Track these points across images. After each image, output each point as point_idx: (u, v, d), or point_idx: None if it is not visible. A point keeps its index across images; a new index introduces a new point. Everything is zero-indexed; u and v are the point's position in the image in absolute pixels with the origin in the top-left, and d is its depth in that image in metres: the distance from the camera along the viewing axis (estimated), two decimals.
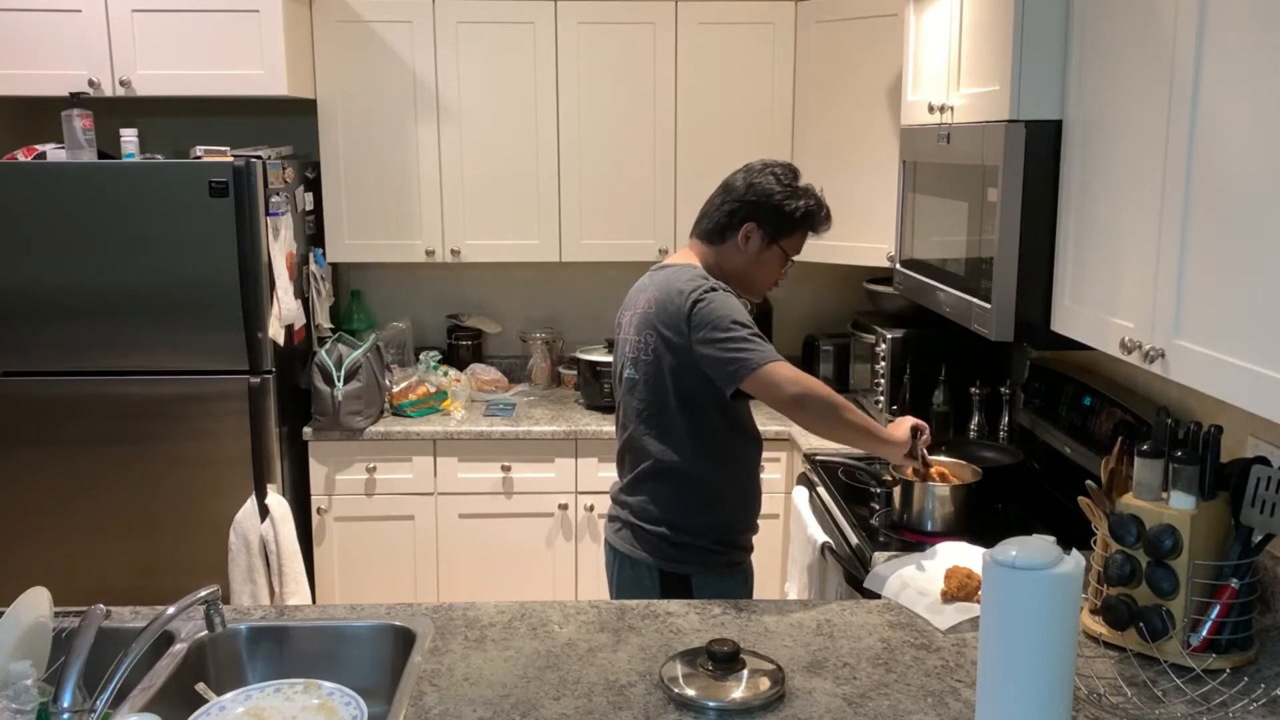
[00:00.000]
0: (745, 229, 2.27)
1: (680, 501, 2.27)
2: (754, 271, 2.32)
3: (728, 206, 2.29)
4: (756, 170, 2.30)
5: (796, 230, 2.30)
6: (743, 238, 2.28)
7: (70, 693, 1.39)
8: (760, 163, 2.32)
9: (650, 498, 2.29)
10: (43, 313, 3.24)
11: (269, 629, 1.92)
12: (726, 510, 2.31)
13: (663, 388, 2.24)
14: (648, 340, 2.26)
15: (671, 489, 2.27)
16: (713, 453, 2.26)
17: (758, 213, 2.26)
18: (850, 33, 3.46)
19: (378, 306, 4.03)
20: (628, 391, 2.32)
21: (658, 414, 2.26)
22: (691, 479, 2.26)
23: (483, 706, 1.63)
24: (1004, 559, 1.45)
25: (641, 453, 2.30)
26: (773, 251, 2.30)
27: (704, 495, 2.26)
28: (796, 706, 1.63)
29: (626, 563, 2.32)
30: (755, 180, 2.28)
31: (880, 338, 3.27)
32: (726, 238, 2.30)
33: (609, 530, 2.39)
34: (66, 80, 3.28)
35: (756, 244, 2.28)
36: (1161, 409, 2.19)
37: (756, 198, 2.26)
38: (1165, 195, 1.72)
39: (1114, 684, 1.70)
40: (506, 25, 3.57)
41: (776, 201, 2.26)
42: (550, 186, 3.67)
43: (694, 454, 2.25)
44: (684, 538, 2.26)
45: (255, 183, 3.19)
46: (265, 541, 3.30)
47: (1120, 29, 1.90)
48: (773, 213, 2.26)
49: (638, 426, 2.29)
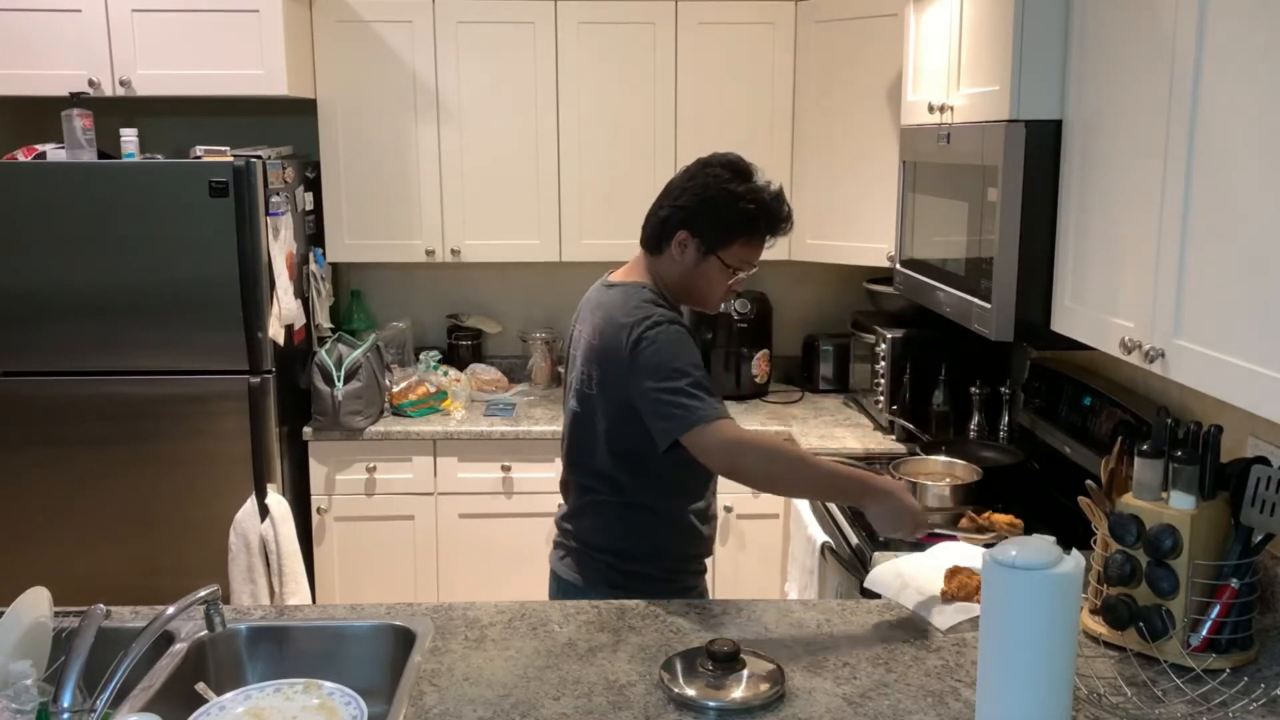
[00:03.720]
0: (679, 238, 2.02)
1: (625, 530, 2.10)
2: (694, 284, 2.07)
3: (663, 212, 2.04)
4: (695, 169, 2.04)
5: (735, 239, 2.02)
6: (677, 247, 2.03)
7: (70, 693, 1.39)
8: (707, 159, 2.05)
9: (594, 525, 2.13)
10: (43, 313, 3.24)
11: (269, 629, 1.92)
12: (675, 539, 2.14)
13: (603, 424, 2.05)
14: (591, 374, 2.06)
15: (616, 518, 2.11)
16: (660, 487, 2.09)
17: (691, 220, 2.00)
18: (850, 33, 3.46)
19: (378, 306, 4.03)
20: (571, 423, 2.14)
21: (600, 449, 2.07)
22: (636, 510, 2.09)
23: (483, 706, 1.63)
24: (1004, 559, 1.45)
25: (584, 485, 2.13)
26: (711, 262, 2.03)
27: (651, 526, 2.10)
28: (796, 706, 1.63)
29: (571, 590, 2.14)
30: (691, 181, 2.02)
31: (880, 338, 3.27)
32: (663, 247, 2.05)
33: (553, 557, 2.22)
34: (66, 80, 3.28)
35: (692, 255, 2.03)
36: (1161, 409, 2.19)
37: (689, 202, 2.01)
38: (1165, 195, 1.72)
39: (1114, 684, 1.70)
40: (506, 25, 3.57)
41: (712, 206, 1.99)
42: (550, 186, 3.67)
43: (638, 488, 2.08)
44: (631, 565, 2.10)
45: (255, 183, 3.19)
46: (265, 541, 3.30)
47: (1120, 29, 1.90)
48: (708, 219, 2.00)
49: (580, 458, 2.13)
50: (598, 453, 2.09)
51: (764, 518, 3.45)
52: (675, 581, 2.14)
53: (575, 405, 2.11)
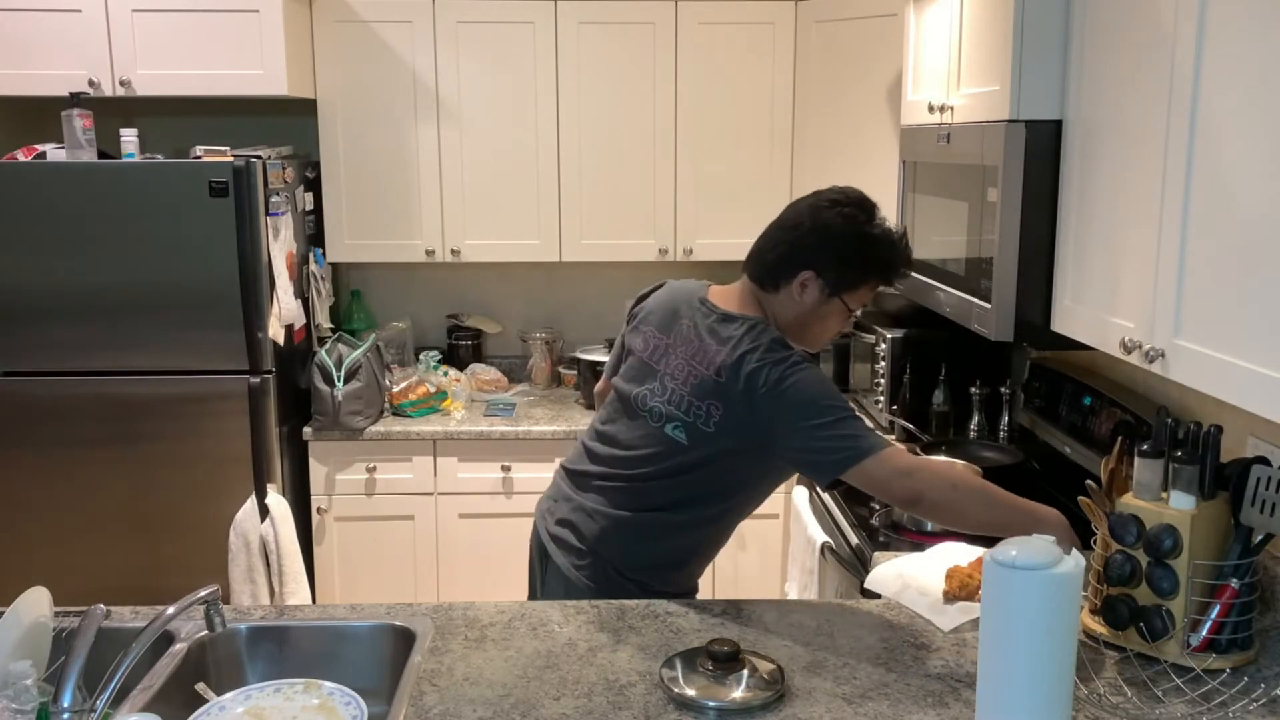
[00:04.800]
0: (802, 278, 1.93)
1: (639, 548, 2.04)
2: (811, 325, 2.00)
3: (782, 249, 1.94)
4: (824, 205, 1.94)
5: (864, 283, 1.96)
6: (799, 287, 1.94)
7: (70, 693, 1.39)
8: (830, 194, 1.96)
9: (607, 530, 2.04)
10: (43, 313, 3.24)
11: (269, 629, 1.92)
12: (683, 560, 2.11)
13: (716, 459, 1.95)
14: (711, 411, 1.91)
15: (637, 534, 2.03)
16: (700, 517, 2.04)
17: (819, 259, 1.92)
18: (850, 33, 3.46)
19: (378, 306, 4.03)
20: (654, 441, 1.99)
21: (693, 478, 1.97)
22: (660, 529, 2.03)
23: (483, 706, 1.63)
24: (1004, 559, 1.45)
25: (622, 491, 2.03)
26: (833, 304, 1.96)
27: (670, 547, 2.06)
28: (796, 706, 1.63)
29: (576, 591, 2.06)
30: (820, 219, 1.93)
31: (880, 338, 3.27)
32: (780, 285, 1.96)
33: (563, 560, 2.09)
34: (66, 80, 3.28)
35: (814, 295, 1.95)
36: (1161, 409, 2.19)
37: (818, 242, 1.92)
38: (1165, 195, 1.72)
39: (1114, 684, 1.70)
40: (506, 25, 3.57)
41: (843, 247, 1.92)
42: (550, 186, 3.67)
43: (678, 514, 2.01)
44: (662, 586, 2.06)
45: (255, 183, 3.19)
46: (265, 541, 3.30)
47: (1120, 29, 1.90)
48: (837, 261, 1.92)
49: (638, 473, 2.01)
50: (665, 475, 1.99)
51: (764, 518, 3.45)
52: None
53: (675, 431, 1.96)
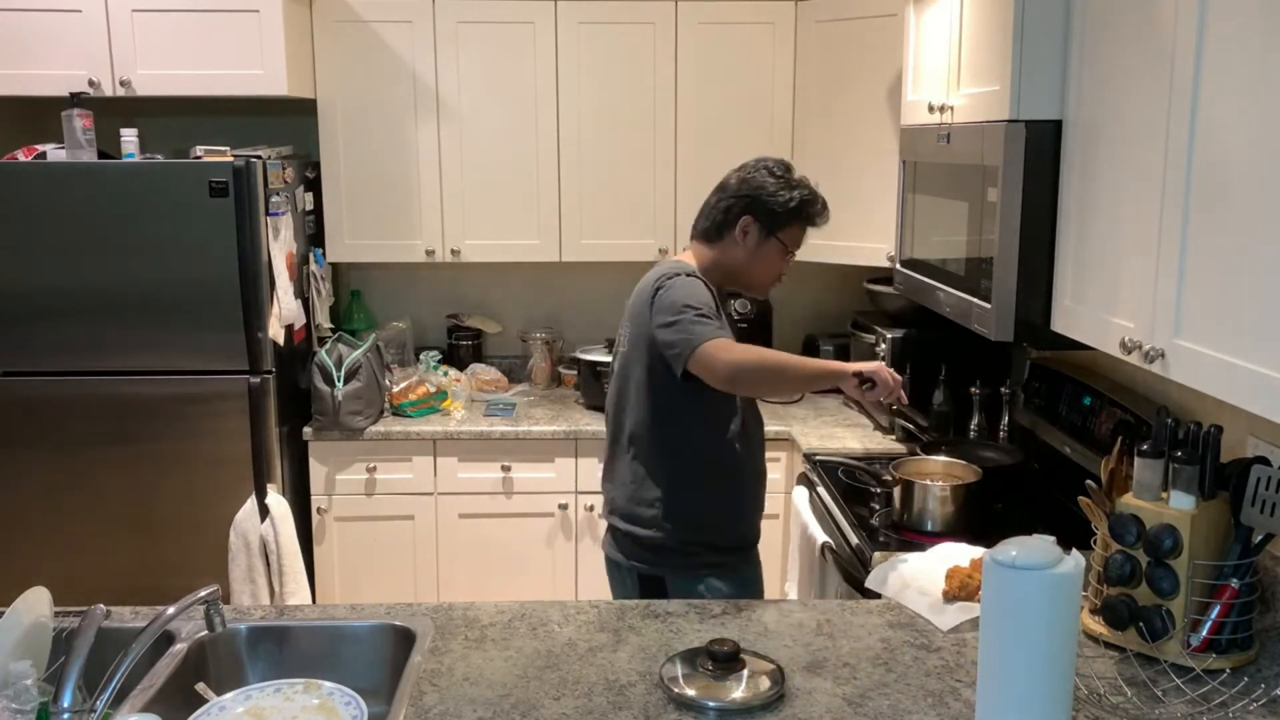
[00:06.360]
0: (742, 223, 2.32)
1: (641, 495, 2.31)
2: (755, 265, 2.36)
3: (724, 203, 2.35)
4: (750, 167, 2.37)
5: (793, 221, 2.34)
6: (740, 231, 2.33)
7: (70, 693, 1.39)
8: (753, 160, 2.38)
9: (618, 493, 2.36)
10: (43, 313, 3.24)
11: (269, 629, 1.92)
12: (693, 507, 2.30)
13: (634, 373, 2.32)
14: (624, 332, 2.37)
15: (635, 482, 2.32)
16: (679, 447, 2.30)
17: (754, 206, 2.31)
18: (850, 33, 3.46)
19: (378, 306, 4.03)
20: (611, 383, 2.42)
21: (629, 398, 2.33)
22: (655, 472, 2.30)
23: (483, 706, 1.63)
24: (1004, 559, 1.45)
25: (615, 443, 2.38)
26: (771, 244, 2.34)
27: (666, 490, 2.29)
28: (796, 706, 1.63)
29: (613, 567, 2.41)
30: (749, 176, 2.34)
31: (880, 338, 3.27)
32: (724, 234, 2.35)
33: (628, 552, 2.39)
34: (66, 80, 3.28)
35: (755, 237, 2.33)
36: (1161, 409, 2.19)
37: (751, 192, 2.32)
38: (1165, 195, 1.72)
39: (1114, 684, 1.70)
40: (506, 25, 3.57)
41: (771, 193, 2.31)
42: (550, 186, 3.67)
43: (658, 445, 2.30)
44: (652, 534, 2.29)
45: (255, 183, 3.19)
46: (265, 541, 3.30)
47: (1120, 29, 1.90)
48: (768, 205, 2.31)
49: (614, 415, 2.39)
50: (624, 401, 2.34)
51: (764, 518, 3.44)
52: (699, 557, 2.30)
53: (617, 363, 2.39)
